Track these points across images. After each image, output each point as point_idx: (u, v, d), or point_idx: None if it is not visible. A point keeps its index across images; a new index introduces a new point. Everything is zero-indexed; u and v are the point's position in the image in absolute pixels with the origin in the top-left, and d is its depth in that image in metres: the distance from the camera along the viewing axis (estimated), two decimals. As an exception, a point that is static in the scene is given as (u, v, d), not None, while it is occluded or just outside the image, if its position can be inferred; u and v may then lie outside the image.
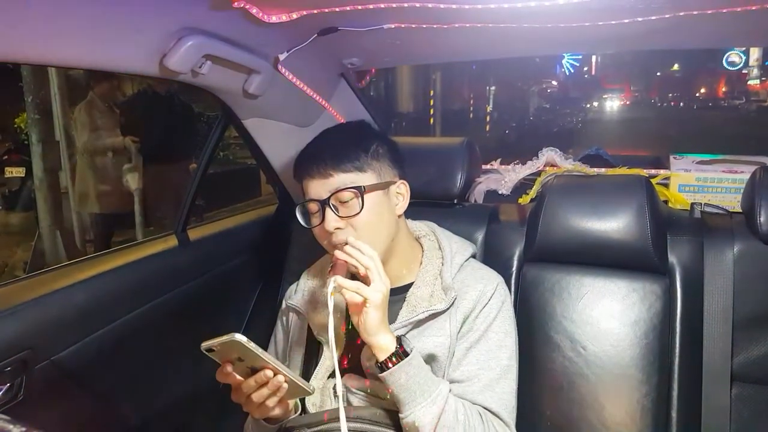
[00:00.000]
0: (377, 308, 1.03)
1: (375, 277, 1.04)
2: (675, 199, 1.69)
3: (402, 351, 1.04)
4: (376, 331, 1.04)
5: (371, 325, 1.04)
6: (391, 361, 1.04)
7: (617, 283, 1.39)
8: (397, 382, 1.04)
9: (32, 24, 0.91)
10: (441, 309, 1.17)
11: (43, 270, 1.44)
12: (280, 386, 0.98)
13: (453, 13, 1.23)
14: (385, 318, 1.06)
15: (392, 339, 1.05)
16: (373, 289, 1.03)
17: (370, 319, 1.03)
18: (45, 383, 1.24)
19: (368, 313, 1.03)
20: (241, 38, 1.25)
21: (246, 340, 0.91)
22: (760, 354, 1.34)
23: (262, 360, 0.94)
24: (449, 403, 1.06)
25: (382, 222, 1.18)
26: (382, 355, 1.05)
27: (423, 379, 1.05)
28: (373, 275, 1.04)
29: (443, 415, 1.04)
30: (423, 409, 1.03)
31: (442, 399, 1.05)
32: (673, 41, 1.49)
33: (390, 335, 1.06)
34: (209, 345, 0.92)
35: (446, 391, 1.07)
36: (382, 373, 1.05)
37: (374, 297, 1.03)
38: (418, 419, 1.03)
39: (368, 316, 1.03)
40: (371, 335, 1.04)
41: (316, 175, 1.17)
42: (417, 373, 1.05)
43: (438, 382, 1.08)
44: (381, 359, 1.05)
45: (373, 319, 1.03)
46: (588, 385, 1.34)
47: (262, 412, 1.05)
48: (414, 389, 1.04)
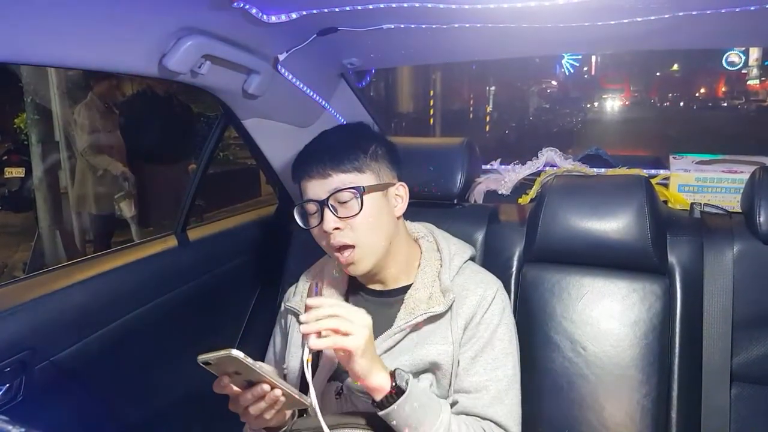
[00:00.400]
0: (363, 353, 0.98)
1: (349, 328, 0.97)
2: (675, 199, 1.69)
3: (397, 388, 1.01)
4: (367, 375, 1.00)
5: (361, 371, 1.00)
6: (388, 401, 1.01)
7: (617, 284, 1.39)
8: (395, 419, 1.02)
9: (32, 25, 0.91)
10: (440, 311, 1.16)
11: (43, 270, 1.44)
12: (277, 400, 0.97)
13: (452, 14, 1.23)
14: (374, 357, 1.03)
15: (386, 377, 1.02)
16: (353, 338, 0.97)
17: (358, 366, 0.99)
18: (44, 384, 1.24)
19: (355, 361, 0.98)
20: (241, 38, 1.25)
21: (243, 356, 0.89)
22: (759, 354, 1.34)
23: (258, 375, 0.93)
24: (452, 430, 1.05)
25: (381, 223, 1.18)
26: (378, 396, 1.02)
27: (422, 414, 1.03)
28: (345, 329, 0.97)
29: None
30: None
31: (444, 428, 1.04)
32: (672, 41, 1.49)
33: (383, 373, 1.02)
34: (206, 358, 0.90)
35: (447, 421, 1.06)
36: (381, 412, 1.02)
37: (356, 344, 0.97)
38: None
39: (355, 365, 0.99)
40: (364, 380, 1.01)
41: (315, 176, 1.16)
42: (415, 408, 1.03)
43: (438, 409, 1.06)
44: (377, 399, 1.02)
45: (360, 366, 0.99)
46: (588, 386, 1.34)
47: (259, 424, 1.04)
48: (414, 425, 1.02)
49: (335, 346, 0.98)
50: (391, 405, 1.00)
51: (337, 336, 0.97)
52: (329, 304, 1.00)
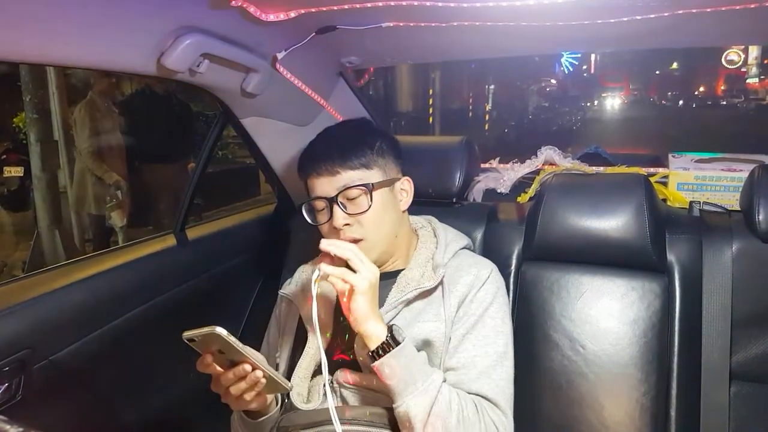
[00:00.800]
0: (364, 294, 1.03)
1: (359, 266, 1.04)
2: (674, 197, 1.69)
3: (393, 339, 1.04)
4: (365, 319, 1.04)
5: (360, 312, 1.03)
6: (383, 350, 1.03)
7: (616, 282, 1.39)
8: (388, 372, 1.03)
9: (30, 23, 0.91)
10: (430, 286, 1.17)
11: (42, 269, 1.44)
12: (257, 381, 0.99)
13: (452, 12, 1.23)
14: (375, 307, 1.06)
15: (383, 328, 1.05)
16: (359, 275, 1.03)
17: (359, 306, 1.03)
18: (43, 383, 1.24)
19: (356, 300, 1.03)
20: (239, 37, 1.25)
21: (226, 334, 0.91)
22: (758, 352, 1.34)
23: (241, 354, 0.95)
24: (442, 393, 1.05)
25: (389, 218, 1.20)
26: (373, 344, 1.04)
27: (415, 369, 1.05)
28: (355, 264, 1.04)
29: (436, 405, 1.03)
30: (414, 399, 1.03)
31: (434, 388, 1.04)
32: (672, 40, 1.49)
33: (381, 324, 1.05)
34: (191, 335, 0.93)
35: (439, 380, 1.06)
36: (374, 362, 1.04)
37: (360, 283, 1.02)
38: (410, 409, 1.03)
39: (356, 303, 1.03)
40: (361, 323, 1.04)
41: (324, 173, 1.18)
42: (409, 363, 1.04)
43: (431, 371, 1.07)
44: (372, 348, 1.04)
45: (361, 307, 1.03)
46: (587, 384, 1.34)
47: (240, 405, 1.05)
48: (406, 378, 1.03)
49: (343, 276, 1.03)
50: (386, 355, 1.03)
51: (347, 270, 1.04)
52: (348, 246, 1.07)
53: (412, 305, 1.19)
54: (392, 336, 1.04)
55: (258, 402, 1.08)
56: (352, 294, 1.03)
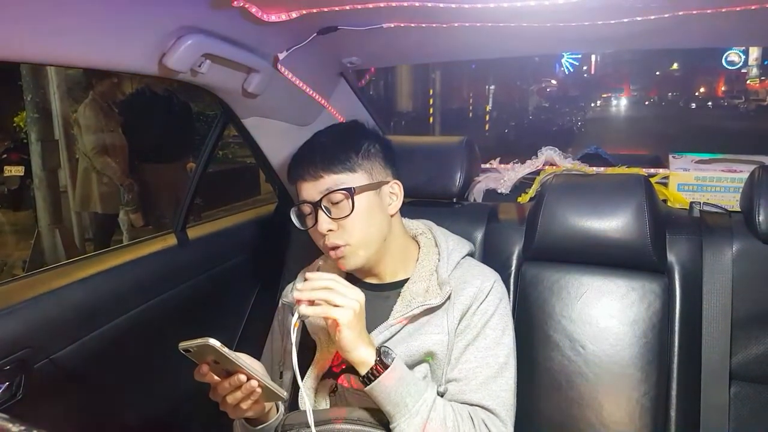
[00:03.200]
0: (350, 326, 1.01)
1: (339, 301, 1.01)
2: (674, 198, 1.69)
3: (382, 364, 1.03)
4: (352, 348, 1.03)
5: (346, 343, 1.02)
6: (372, 375, 1.03)
7: (616, 282, 1.39)
8: (379, 395, 1.04)
9: (31, 23, 0.91)
10: (436, 304, 1.17)
11: (42, 269, 1.44)
12: (253, 390, 0.99)
13: (452, 13, 1.23)
14: (363, 332, 1.05)
15: (371, 352, 1.04)
16: (341, 309, 1.01)
17: (344, 337, 1.02)
18: (44, 382, 1.24)
19: (341, 332, 1.01)
20: (241, 37, 1.25)
21: (219, 345, 0.92)
22: (758, 353, 1.34)
23: (235, 365, 0.96)
24: (436, 411, 1.05)
25: (374, 222, 1.19)
26: (363, 370, 1.04)
27: (405, 390, 1.04)
28: (336, 301, 1.01)
29: (429, 423, 1.03)
30: (407, 421, 1.03)
31: (425, 409, 1.04)
32: (672, 40, 1.49)
33: (369, 349, 1.04)
34: (186, 346, 0.94)
35: (431, 398, 1.06)
36: (366, 387, 1.05)
37: (343, 316, 1.00)
38: (403, 431, 1.03)
39: (341, 336, 1.02)
40: (349, 353, 1.04)
41: (308, 177, 1.18)
42: (398, 385, 1.04)
43: (423, 389, 1.07)
44: (362, 373, 1.04)
45: (347, 338, 1.02)
46: (587, 384, 1.34)
47: (237, 413, 1.06)
48: (397, 401, 1.04)
49: (324, 314, 1.01)
50: (375, 380, 1.03)
51: (327, 306, 1.01)
52: (325, 278, 1.04)
53: (415, 319, 1.19)
54: (381, 360, 1.04)
55: (255, 410, 1.08)
56: (337, 326, 1.02)
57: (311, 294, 1.02)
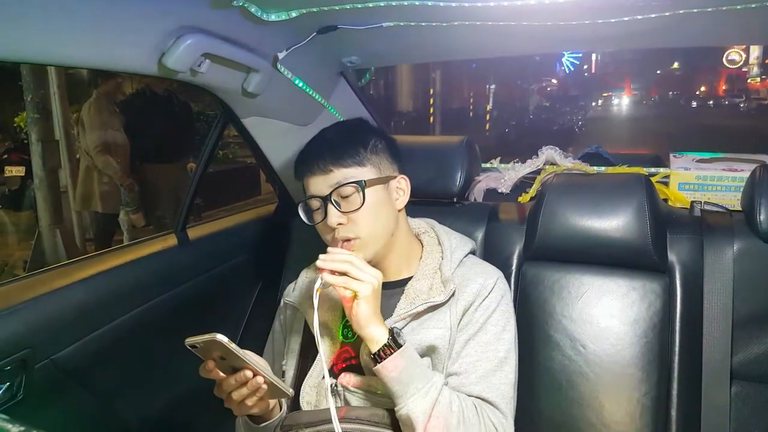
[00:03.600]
0: (367, 300, 1.04)
1: (358, 275, 1.05)
2: (675, 197, 1.68)
3: (394, 342, 1.05)
4: (367, 323, 1.05)
5: (362, 317, 1.05)
6: (384, 352, 1.05)
7: (617, 282, 1.39)
8: (389, 374, 1.05)
9: (31, 23, 0.91)
10: (440, 301, 1.17)
11: (43, 269, 1.44)
12: (258, 387, 1.00)
13: (452, 12, 1.23)
14: (377, 310, 1.07)
15: (384, 331, 1.06)
16: (361, 282, 1.04)
17: (361, 311, 1.04)
18: (45, 382, 1.24)
19: (359, 305, 1.04)
20: (241, 37, 1.25)
21: (227, 341, 0.92)
22: (759, 352, 1.33)
23: (242, 361, 0.96)
24: (443, 395, 1.06)
25: (383, 216, 1.20)
26: (375, 347, 1.05)
27: (415, 372, 1.06)
28: (355, 274, 1.05)
29: (437, 406, 1.04)
30: (415, 401, 1.04)
31: (435, 391, 1.05)
32: (672, 39, 1.49)
33: (382, 327, 1.06)
34: (192, 341, 0.94)
35: (440, 383, 1.07)
36: (376, 365, 1.05)
37: (363, 289, 1.04)
38: (411, 411, 1.03)
39: (359, 308, 1.04)
40: (363, 327, 1.05)
41: (317, 172, 1.18)
42: (409, 365, 1.05)
43: (431, 374, 1.08)
44: (373, 351, 1.05)
45: (363, 311, 1.04)
46: (587, 384, 1.34)
47: (242, 410, 1.06)
48: (406, 381, 1.04)
49: (345, 284, 1.05)
50: (387, 357, 1.04)
51: (348, 278, 1.05)
52: (348, 253, 1.08)
53: (419, 315, 1.20)
54: (393, 339, 1.05)
55: (260, 407, 1.08)
56: (355, 299, 1.05)
57: (334, 264, 1.05)
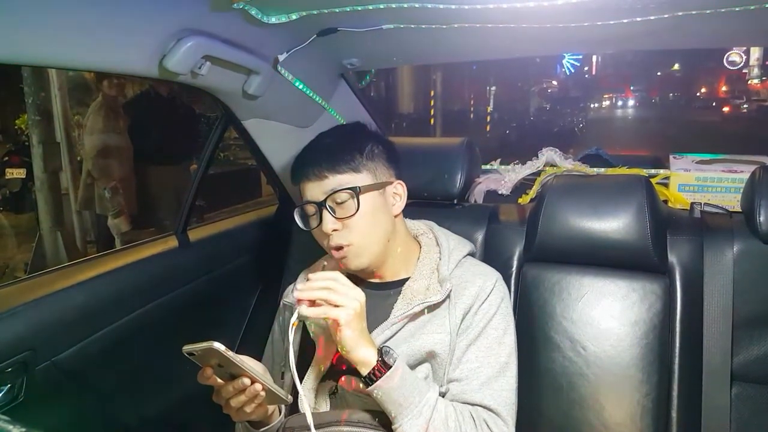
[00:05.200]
0: (349, 326, 1.02)
1: (340, 301, 1.02)
2: (675, 198, 1.69)
3: (384, 364, 1.04)
4: (353, 347, 1.03)
5: (347, 342, 1.03)
6: (374, 375, 1.03)
7: (617, 283, 1.39)
8: (381, 396, 1.04)
9: (32, 25, 0.92)
10: (436, 301, 1.17)
11: (44, 271, 1.45)
12: (257, 394, 0.99)
13: (452, 14, 1.23)
14: (364, 332, 1.06)
15: (373, 352, 1.04)
16: (341, 309, 1.02)
17: (344, 338, 1.02)
18: (46, 384, 1.25)
19: (342, 332, 1.02)
20: (241, 39, 1.25)
21: (224, 349, 0.92)
22: (760, 353, 1.33)
23: (239, 368, 0.96)
24: (438, 411, 1.06)
25: (379, 222, 1.19)
26: (365, 370, 1.04)
27: (408, 390, 1.05)
28: (336, 301, 1.02)
29: (432, 424, 1.04)
30: (409, 422, 1.03)
31: (428, 409, 1.05)
32: (672, 41, 1.49)
33: (370, 349, 1.05)
34: (190, 349, 0.94)
35: (434, 399, 1.06)
36: (368, 388, 1.05)
37: (343, 315, 1.01)
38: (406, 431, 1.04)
39: (342, 335, 1.02)
40: (350, 352, 1.04)
41: (312, 178, 1.18)
42: (401, 385, 1.04)
43: (425, 390, 1.07)
44: (364, 374, 1.04)
45: (347, 337, 1.02)
46: (588, 385, 1.34)
47: (241, 417, 1.06)
48: (399, 402, 1.04)
49: (324, 315, 1.02)
50: (377, 380, 1.03)
51: (327, 307, 1.02)
52: (326, 277, 1.04)
53: (417, 318, 1.19)
54: (383, 360, 1.04)
55: (259, 413, 1.08)
56: (338, 327, 1.02)
57: (311, 294, 1.02)
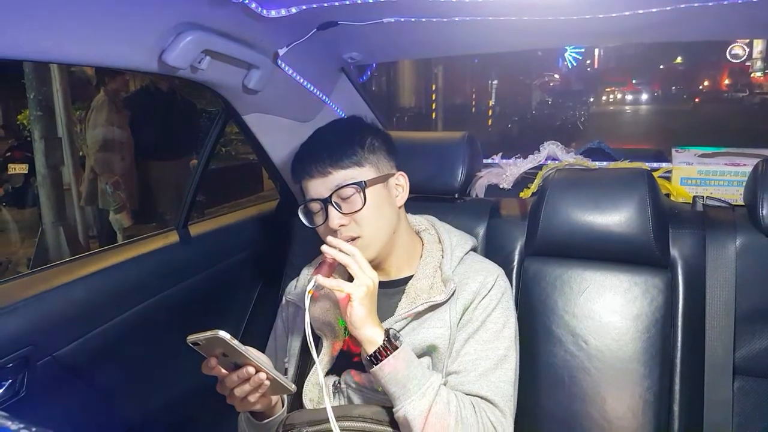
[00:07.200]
0: (361, 302, 1.04)
1: (357, 272, 1.05)
2: (677, 192, 1.68)
3: (390, 344, 1.05)
4: (361, 325, 1.04)
5: (356, 318, 1.04)
6: (380, 354, 1.04)
7: (619, 277, 1.39)
8: (386, 376, 1.04)
9: (31, 21, 0.91)
10: (440, 301, 1.17)
11: (46, 266, 1.45)
12: (261, 383, 1.00)
13: (454, 7, 1.22)
14: (373, 312, 1.07)
15: (380, 332, 1.06)
16: (356, 283, 1.04)
17: (355, 313, 1.04)
18: (47, 379, 1.25)
19: (352, 307, 1.04)
20: (241, 33, 1.25)
21: (229, 338, 0.92)
22: (762, 347, 1.33)
23: (244, 357, 0.97)
24: (440, 395, 1.06)
25: (384, 215, 1.20)
26: (371, 348, 1.05)
27: (412, 373, 1.05)
28: (354, 270, 1.05)
29: (434, 407, 1.04)
30: (413, 403, 1.04)
31: (432, 391, 1.05)
32: (674, 33, 1.48)
33: (378, 328, 1.06)
34: (195, 339, 0.94)
35: (437, 382, 1.07)
36: (372, 367, 1.05)
37: (356, 291, 1.03)
38: (408, 413, 1.04)
39: (352, 310, 1.04)
40: (357, 328, 1.05)
41: (316, 174, 1.17)
42: (406, 367, 1.05)
43: (429, 374, 1.08)
44: (369, 352, 1.05)
45: (357, 313, 1.04)
46: (590, 379, 1.34)
47: (245, 407, 1.07)
48: (403, 383, 1.04)
49: (338, 287, 1.05)
50: (383, 359, 1.04)
51: (342, 281, 1.06)
52: (353, 248, 1.08)
53: (420, 315, 1.20)
54: (389, 340, 1.05)
55: (263, 404, 1.09)
56: (350, 301, 1.04)
57: (339, 252, 1.06)
